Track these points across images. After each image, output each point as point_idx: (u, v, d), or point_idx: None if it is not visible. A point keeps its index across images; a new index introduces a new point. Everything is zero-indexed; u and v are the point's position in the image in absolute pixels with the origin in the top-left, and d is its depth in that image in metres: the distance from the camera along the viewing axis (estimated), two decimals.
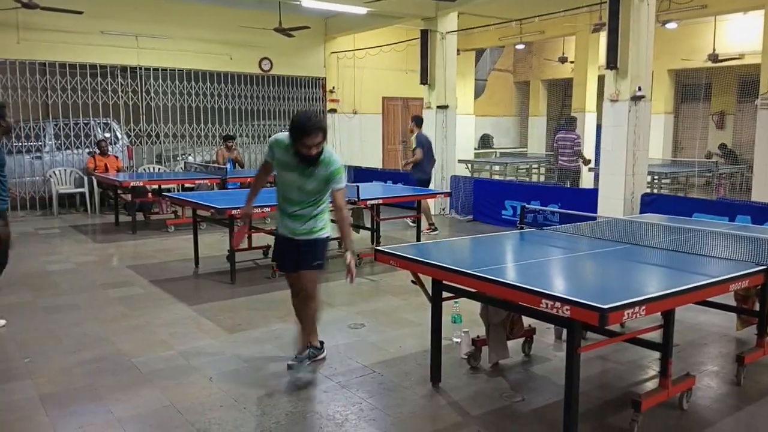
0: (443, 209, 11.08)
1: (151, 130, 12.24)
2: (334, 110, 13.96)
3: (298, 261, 3.91)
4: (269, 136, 13.00)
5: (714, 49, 13.40)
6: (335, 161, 3.79)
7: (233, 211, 5.86)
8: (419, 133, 9.37)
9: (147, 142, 12.24)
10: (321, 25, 13.60)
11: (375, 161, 14.45)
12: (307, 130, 3.58)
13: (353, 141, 14.16)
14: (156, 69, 11.96)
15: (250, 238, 7.12)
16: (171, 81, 12.12)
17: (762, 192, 10.57)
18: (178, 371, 4.03)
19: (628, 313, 2.67)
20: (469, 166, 15.06)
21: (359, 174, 12.39)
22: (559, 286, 3.14)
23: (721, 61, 13.42)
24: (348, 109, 14.21)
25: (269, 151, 3.88)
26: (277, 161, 3.84)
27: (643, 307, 2.73)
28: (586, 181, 12.35)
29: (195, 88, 12.40)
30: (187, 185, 10.78)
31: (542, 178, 15.71)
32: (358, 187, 6.70)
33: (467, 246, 4.58)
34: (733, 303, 4.49)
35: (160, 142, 12.36)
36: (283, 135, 3.81)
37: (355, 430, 3.25)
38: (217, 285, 6.24)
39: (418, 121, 9.54)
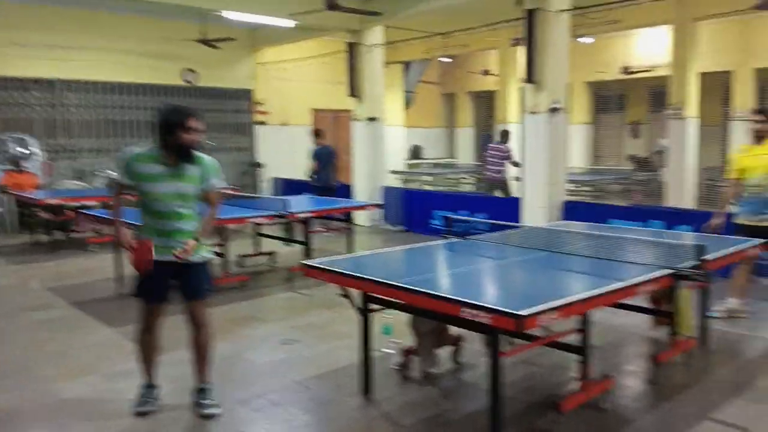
0: (375, 220, 11.16)
1: (70, 145, 11.73)
2: (262, 122, 13.82)
3: (187, 288, 3.64)
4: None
5: (626, 62, 14.19)
6: (208, 160, 3.65)
7: None
8: (318, 146, 10.28)
9: (66, 158, 11.72)
10: (248, 36, 13.46)
11: (304, 173, 14.36)
12: (190, 113, 3.48)
13: (282, 153, 14.05)
14: (74, 81, 11.50)
15: None
16: (90, 93, 11.67)
17: (674, 197, 11.26)
18: (101, 397, 3.88)
19: (543, 319, 2.79)
20: (400, 176, 15.25)
21: (289, 186, 12.32)
22: (479, 294, 3.24)
23: (633, 73, 14.21)
24: (276, 121, 14.11)
25: (124, 171, 3.53)
26: (140, 177, 3.50)
27: (558, 312, 2.87)
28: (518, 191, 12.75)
29: (116, 101, 11.99)
30: (109, 202, 10.36)
31: (470, 188, 16.10)
32: (287, 200, 6.67)
33: (393, 258, 4.64)
34: (649, 305, 4.76)
35: (79, 157, 11.86)
36: (138, 150, 3.58)
37: None
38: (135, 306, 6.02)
39: (317, 132, 10.47)
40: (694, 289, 4.35)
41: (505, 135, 11.59)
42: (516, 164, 11.27)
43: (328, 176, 10.29)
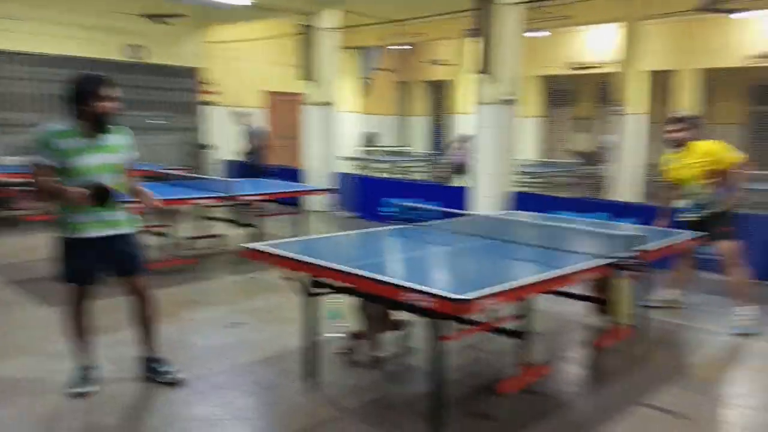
0: (327, 206, 11.10)
1: (12, 119, 11.21)
2: (211, 102, 13.51)
3: (124, 264, 3.59)
4: (140, 127, 12.52)
5: (577, 58, 14.50)
6: (127, 128, 3.62)
7: None
8: (248, 126, 10.74)
9: (6, 132, 11.19)
10: (199, 13, 13.09)
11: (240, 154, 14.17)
12: (102, 80, 3.35)
13: (233, 135, 13.76)
14: (16, 53, 10.96)
15: None
16: (34, 66, 11.16)
17: (618, 190, 11.62)
18: (38, 377, 3.75)
19: (484, 304, 2.84)
20: (354, 163, 15.23)
21: (240, 169, 12.11)
22: (423, 279, 3.26)
23: (584, 69, 14.53)
24: (226, 101, 13.82)
25: (44, 151, 3.33)
26: (62, 153, 3.32)
27: (498, 298, 2.92)
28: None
29: (57, 74, 11.49)
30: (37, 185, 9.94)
31: (424, 176, 16.21)
32: (236, 183, 6.56)
33: (339, 242, 4.64)
34: (589, 293, 4.90)
35: (21, 133, 11.33)
36: (53, 126, 3.39)
37: (227, 429, 3.20)
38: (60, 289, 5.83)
39: (242, 113, 10.93)
40: (632, 279, 4.50)
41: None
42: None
43: (261, 157, 10.74)
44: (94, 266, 3.53)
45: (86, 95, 3.34)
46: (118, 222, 3.54)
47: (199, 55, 13.40)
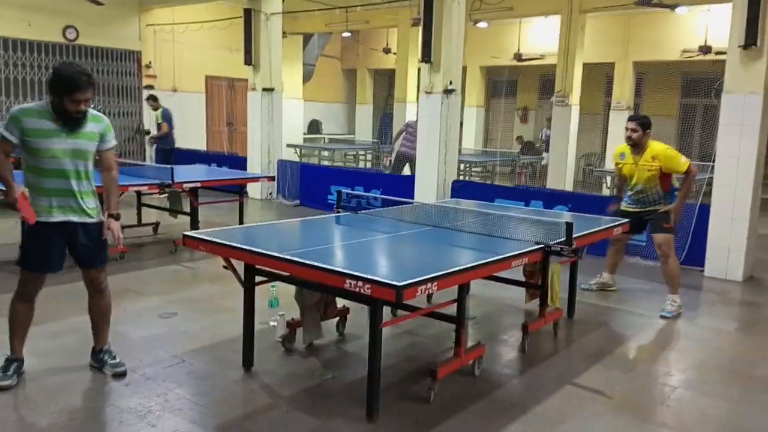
0: (270, 194, 10.98)
1: None
2: (151, 86, 13.09)
3: (87, 255, 3.54)
4: None
5: (519, 49, 14.74)
6: (104, 117, 3.59)
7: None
8: (163, 108, 10.92)
9: None
10: None
11: (197, 143, 13.85)
12: (79, 85, 3.27)
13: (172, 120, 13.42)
14: None
15: None
16: None
17: (555, 179, 11.94)
18: None
19: (421, 289, 2.88)
20: (298, 150, 15.07)
21: (179, 156, 11.82)
22: (362, 267, 3.28)
23: (525, 60, 14.79)
24: (167, 86, 13.43)
25: (11, 127, 3.31)
26: (30, 133, 3.31)
27: (435, 283, 2.97)
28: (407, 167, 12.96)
29: None
30: None
31: (369, 165, 16.21)
32: (172, 168, 6.39)
33: (280, 230, 4.60)
34: (523, 278, 5.03)
35: None
36: (27, 104, 3.44)
37: (159, 421, 3.13)
38: (8, 276, 5.58)
39: (155, 97, 11.17)
40: (564, 264, 4.65)
41: None
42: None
43: (174, 139, 11.10)
44: (56, 253, 3.48)
45: (61, 93, 3.29)
46: (84, 210, 3.48)
47: (140, 38, 12.95)
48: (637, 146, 5.30)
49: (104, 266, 3.67)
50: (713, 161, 6.55)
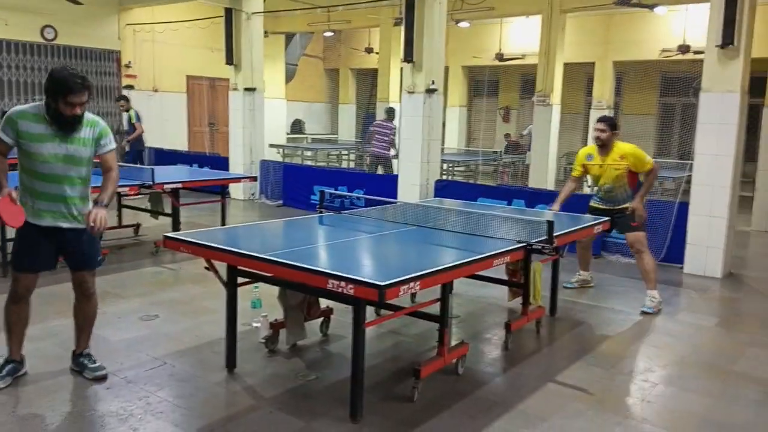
0: (252, 194, 10.92)
1: None
2: (131, 86, 12.96)
3: (77, 257, 3.53)
4: None
5: (500, 49, 14.81)
6: (100, 120, 3.54)
7: None
8: (134, 109, 11.06)
9: None
10: None
11: (179, 143, 13.74)
12: (73, 88, 3.23)
13: (153, 121, 13.27)
14: None
15: None
16: None
17: (537, 179, 12.01)
18: None
19: (404, 289, 2.88)
20: (281, 150, 15.00)
21: (161, 156, 11.73)
22: (345, 267, 3.28)
23: (506, 60, 14.87)
24: (147, 86, 13.30)
25: (6, 128, 3.31)
26: (24, 136, 3.30)
27: (418, 283, 2.97)
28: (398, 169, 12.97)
29: None
30: None
31: (352, 165, 16.18)
32: (152, 169, 6.33)
33: (262, 230, 4.58)
34: (506, 277, 5.07)
35: None
36: (24, 107, 3.39)
37: (140, 425, 3.10)
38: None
39: (126, 98, 11.26)
40: (545, 262, 4.68)
41: (390, 112, 11.62)
42: (393, 144, 11.42)
43: (140, 142, 11.19)
44: (46, 254, 3.47)
45: (54, 95, 3.27)
46: (74, 216, 3.46)
47: (119, 37, 12.81)
48: (604, 146, 5.37)
49: (94, 269, 3.64)
50: (692, 159, 6.64)
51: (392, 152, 11.21)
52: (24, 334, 3.58)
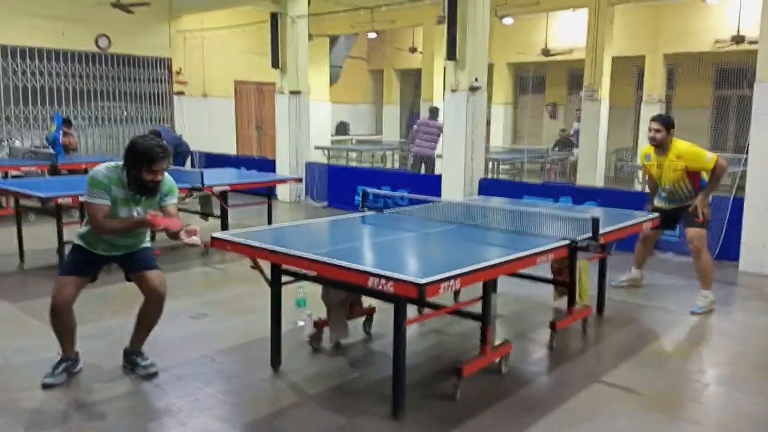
0: (298, 196, 11.08)
1: None
2: (181, 93, 13.35)
3: (138, 262, 3.73)
4: (109, 119, 12.31)
5: (546, 44, 14.58)
6: (170, 178, 3.77)
7: (60, 200, 5.46)
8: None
9: None
10: (164, 1, 12.90)
11: (227, 147, 14.06)
12: (156, 158, 3.47)
13: (202, 125, 13.64)
14: None
15: None
16: None
17: (585, 176, 11.77)
18: None
19: (444, 286, 2.88)
20: (326, 152, 15.18)
21: (209, 160, 12.03)
22: (386, 265, 3.29)
23: (553, 55, 14.63)
24: (197, 92, 13.66)
25: (103, 192, 3.51)
26: (113, 200, 3.55)
27: (458, 280, 2.96)
28: (437, 167, 12.94)
29: (22, 65, 11.26)
30: (13, 173, 9.79)
31: (396, 165, 16.22)
32: (202, 172, 6.51)
33: (306, 230, 4.64)
34: (551, 276, 5.00)
35: None
36: (108, 171, 3.57)
37: (189, 420, 3.20)
38: (45, 280, 5.75)
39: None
40: (592, 260, 4.59)
41: (434, 112, 11.59)
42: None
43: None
44: (95, 266, 3.71)
45: (139, 165, 3.48)
46: (119, 247, 3.72)
47: (168, 44, 13.21)
48: (660, 146, 5.21)
49: (156, 268, 3.77)
50: (747, 153, 6.39)
51: (436, 148, 11.14)
52: (74, 335, 3.71)
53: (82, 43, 11.94)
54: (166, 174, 3.71)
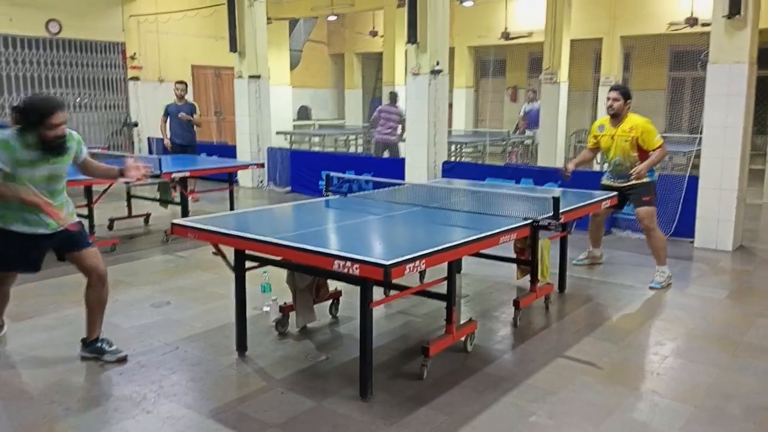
0: (261, 181, 10.95)
1: None
2: (136, 78, 13.00)
3: (70, 244, 3.59)
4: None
5: (506, 27, 14.66)
6: (73, 133, 3.62)
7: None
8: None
9: None
10: None
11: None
12: (54, 107, 3.33)
13: (159, 111, 13.27)
14: None
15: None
16: None
17: (545, 158, 11.94)
18: None
19: (409, 267, 2.89)
20: (288, 137, 15.00)
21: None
22: (351, 248, 3.29)
23: (513, 39, 14.72)
24: (153, 77, 13.32)
25: (7, 158, 3.31)
26: (19, 163, 3.33)
27: (423, 261, 2.98)
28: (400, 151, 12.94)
29: None
30: None
31: (359, 150, 16.15)
32: (160, 159, 6.37)
33: (269, 215, 4.60)
34: (513, 255, 5.07)
35: None
36: (7, 134, 3.36)
37: (154, 407, 3.15)
38: None
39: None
40: (553, 239, 4.67)
41: (394, 97, 11.55)
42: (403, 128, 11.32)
43: None
44: (28, 256, 3.56)
45: (36, 122, 3.31)
46: (52, 223, 3.52)
47: (123, 29, 12.83)
48: (616, 116, 5.31)
49: (91, 246, 3.67)
50: (701, 133, 6.57)
51: (398, 134, 11.11)
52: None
53: (32, 28, 11.51)
54: (69, 131, 3.54)
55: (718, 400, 3.30)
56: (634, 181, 5.26)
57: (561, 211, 3.96)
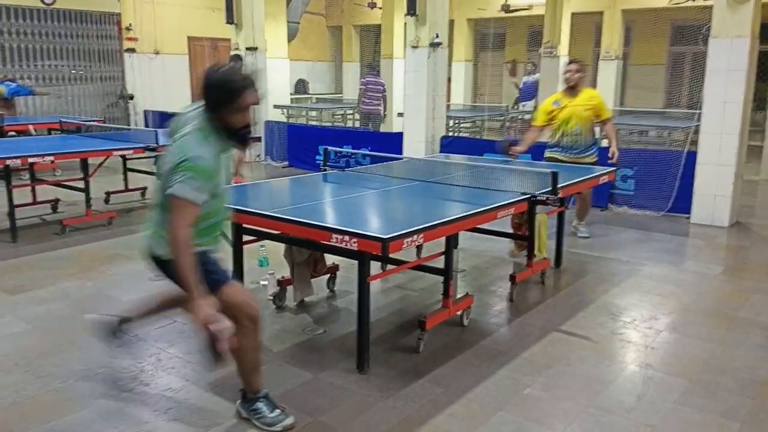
0: (258, 156, 10.90)
1: None
2: (132, 50, 12.84)
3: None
4: (56, 78, 11.77)
5: (506, 0, 14.47)
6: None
7: (8, 161, 5.24)
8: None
9: None
10: None
11: (182, 106, 13.64)
12: (247, 83, 2.52)
13: (155, 83, 13.19)
14: None
15: (33, 191, 6.45)
16: None
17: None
18: None
19: (407, 242, 2.90)
20: (285, 111, 14.89)
21: (163, 119, 11.67)
22: (349, 222, 3.29)
23: (513, 11, 14.55)
24: (148, 48, 13.16)
25: (204, 186, 2.48)
26: (214, 178, 2.56)
27: (421, 235, 2.98)
28: (397, 125, 12.85)
29: None
30: None
31: (357, 124, 16.05)
32: (156, 132, 6.33)
33: (267, 189, 4.59)
34: (511, 230, 5.08)
35: None
36: (200, 148, 2.50)
37: (152, 380, 3.18)
38: None
39: None
40: (550, 214, 4.68)
41: (376, 69, 11.46)
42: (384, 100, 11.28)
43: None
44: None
45: (221, 104, 2.51)
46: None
47: None
48: (573, 88, 5.53)
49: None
50: (700, 108, 6.53)
51: (381, 107, 11.13)
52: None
53: None
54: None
55: (712, 374, 3.33)
56: (585, 157, 5.52)
57: (559, 186, 3.96)
